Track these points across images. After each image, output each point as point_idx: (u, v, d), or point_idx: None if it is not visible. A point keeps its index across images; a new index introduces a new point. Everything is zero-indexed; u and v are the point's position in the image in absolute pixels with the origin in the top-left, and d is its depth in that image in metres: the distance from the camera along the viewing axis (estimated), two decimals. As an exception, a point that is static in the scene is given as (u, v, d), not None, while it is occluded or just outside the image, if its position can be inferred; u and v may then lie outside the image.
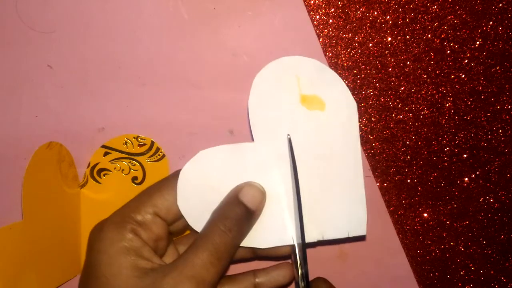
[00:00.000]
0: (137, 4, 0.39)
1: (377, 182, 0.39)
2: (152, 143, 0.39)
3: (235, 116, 0.39)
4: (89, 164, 0.40)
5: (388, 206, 0.40)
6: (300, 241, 0.28)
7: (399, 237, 0.40)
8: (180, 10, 0.39)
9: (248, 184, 0.29)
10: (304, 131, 0.30)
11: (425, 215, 0.40)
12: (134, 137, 0.39)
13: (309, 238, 0.29)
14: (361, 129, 0.39)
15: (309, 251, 0.36)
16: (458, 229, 0.40)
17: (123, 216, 0.28)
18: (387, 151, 0.40)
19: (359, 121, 0.39)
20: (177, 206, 0.28)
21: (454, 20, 0.39)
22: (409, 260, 0.40)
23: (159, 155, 0.40)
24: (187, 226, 0.30)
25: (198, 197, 0.29)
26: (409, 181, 0.40)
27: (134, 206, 0.28)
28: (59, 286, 0.38)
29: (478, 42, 0.39)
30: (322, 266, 0.40)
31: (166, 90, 0.39)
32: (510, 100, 0.39)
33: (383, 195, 0.39)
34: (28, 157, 0.38)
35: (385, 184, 0.40)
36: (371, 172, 0.39)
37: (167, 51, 0.39)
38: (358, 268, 0.40)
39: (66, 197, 0.39)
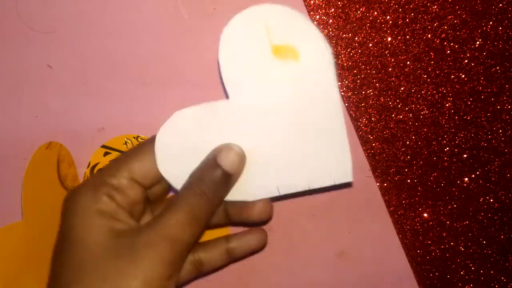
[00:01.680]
0: (137, 4, 0.39)
1: (377, 182, 0.39)
2: None
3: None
4: (89, 164, 0.40)
5: (388, 206, 0.40)
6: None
7: (399, 237, 0.40)
8: (180, 10, 0.39)
9: (227, 147, 0.28)
10: (279, 83, 0.28)
11: (425, 215, 0.40)
12: (134, 137, 0.39)
13: (296, 188, 0.29)
14: (361, 129, 0.39)
15: (308, 251, 0.37)
16: (458, 229, 0.40)
17: (98, 180, 0.27)
18: (387, 151, 0.40)
19: (359, 121, 0.39)
20: (154, 170, 0.28)
21: (454, 20, 0.39)
22: (409, 260, 0.40)
23: None
24: (165, 190, 0.29)
25: (177, 158, 0.28)
26: (409, 181, 0.40)
27: (109, 171, 0.28)
28: (59, 286, 0.38)
29: (478, 42, 0.39)
30: (322, 266, 0.40)
31: (166, 90, 0.39)
32: (510, 100, 0.39)
33: (383, 195, 0.40)
34: (28, 157, 0.38)
35: (385, 184, 0.40)
36: (371, 172, 0.39)
37: (167, 51, 0.39)
38: (358, 268, 0.40)
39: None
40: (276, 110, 0.29)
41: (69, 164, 0.39)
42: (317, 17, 0.39)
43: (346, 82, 0.39)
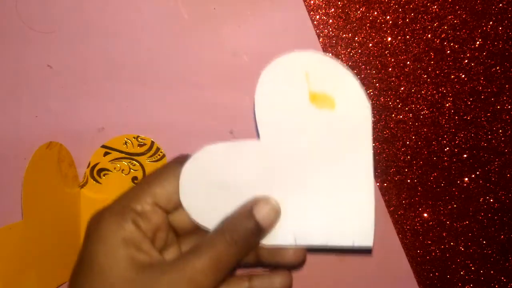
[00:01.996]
0: (137, 4, 0.39)
1: (377, 182, 0.39)
2: (152, 143, 0.39)
3: (235, 116, 0.39)
4: (89, 164, 0.40)
5: (388, 206, 0.40)
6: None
7: (399, 237, 0.40)
8: (180, 10, 0.39)
9: (264, 200, 0.28)
10: (312, 130, 0.28)
11: (425, 215, 0.40)
12: (134, 137, 0.39)
13: (313, 241, 0.28)
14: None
15: (308, 250, 0.36)
16: (458, 229, 0.40)
17: (122, 206, 0.27)
18: (387, 151, 0.40)
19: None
20: (177, 194, 0.28)
21: (454, 20, 0.39)
22: (409, 260, 0.40)
23: (159, 155, 0.40)
24: (187, 218, 0.29)
25: (201, 192, 0.28)
26: (409, 181, 0.40)
27: (133, 196, 0.27)
28: (59, 286, 0.38)
29: (478, 42, 0.39)
30: (322, 267, 0.40)
31: (166, 90, 0.39)
32: (510, 100, 0.39)
33: (383, 195, 0.40)
34: (28, 157, 0.38)
35: (385, 184, 0.40)
36: (371, 172, 0.39)
37: (167, 51, 0.39)
38: (358, 268, 0.40)
39: (66, 197, 0.39)
40: (306, 157, 0.28)
41: (69, 164, 0.39)
42: (317, 17, 0.39)
43: (346, 82, 0.39)
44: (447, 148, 0.40)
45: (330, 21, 0.39)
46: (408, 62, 0.39)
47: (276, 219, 0.28)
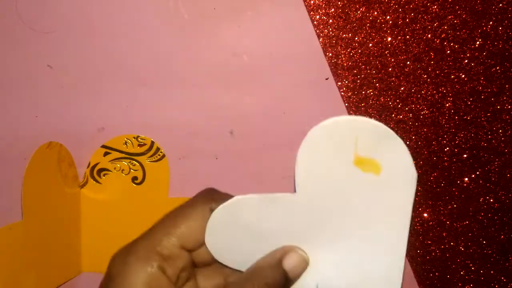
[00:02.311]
0: (137, 4, 0.39)
1: (377, 182, 0.39)
2: (152, 143, 0.39)
3: (235, 116, 0.39)
4: (89, 164, 0.40)
5: (388, 206, 0.40)
6: None
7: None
8: (180, 10, 0.39)
9: (295, 251, 0.27)
10: (353, 192, 0.27)
11: (425, 215, 0.40)
12: (134, 137, 0.39)
13: None
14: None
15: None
16: (458, 229, 0.40)
17: (149, 250, 0.26)
18: (387, 151, 0.40)
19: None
20: (202, 234, 0.27)
21: (454, 20, 0.39)
22: (409, 260, 0.40)
23: (159, 155, 0.40)
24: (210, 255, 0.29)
25: (228, 237, 0.28)
26: (409, 181, 0.40)
27: (159, 238, 0.27)
28: (59, 286, 0.38)
29: (478, 42, 0.39)
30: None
31: (166, 90, 0.39)
32: (510, 100, 0.39)
33: (383, 195, 0.40)
34: (28, 157, 0.38)
35: (385, 184, 0.40)
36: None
37: (167, 51, 0.39)
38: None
39: (66, 197, 0.39)
40: (340, 215, 0.28)
41: (69, 164, 0.39)
42: (317, 17, 0.39)
43: (346, 82, 0.39)
44: (447, 148, 0.40)
45: (330, 21, 0.39)
46: (408, 62, 0.39)
47: (303, 271, 0.28)
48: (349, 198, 0.27)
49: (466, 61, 0.39)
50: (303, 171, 0.27)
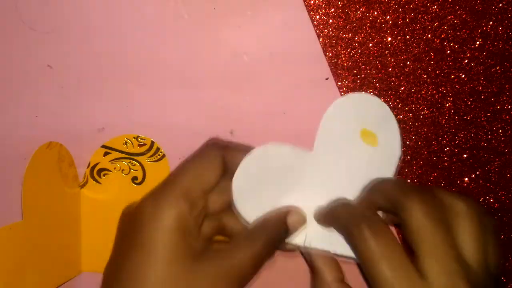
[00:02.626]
0: (137, 4, 0.39)
1: (377, 182, 0.39)
2: (152, 143, 0.39)
3: (235, 116, 0.39)
4: (89, 164, 0.40)
5: (388, 206, 0.40)
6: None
7: (399, 237, 0.40)
8: (180, 10, 0.39)
9: (297, 211, 0.31)
10: (354, 158, 0.33)
11: (425, 215, 0.40)
12: (134, 137, 0.39)
13: (317, 246, 0.32)
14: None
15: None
16: (458, 229, 0.40)
17: (176, 195, 0.28)
18: (387, 151, 0.40)
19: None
20: (217, 177, 0.30)
21: (454, 20, 0.39)
22: (409, 260, 0.40)
23: (159, 155, 0.40)
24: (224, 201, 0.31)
25: (253, 189, 0.31)
26: (409, 181, 0.40)
27: (184, 184, 0.29)
28: (59, 286, 0.38)
29: (478, 42, 0.39)
30: (322, 266, 0.40)
31: (166, 90, 0.39)
32: (510, 100, 0.39)
33: (383, 195, 0.40)
34: (28, 157, 0.38)
35: (385, 184, 0.40)
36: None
37: (167, 51, 0.39)
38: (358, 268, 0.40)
39: (66, 197, 0.39)
40: (342, 175, 0.33)
41: (69, 164, 0.39)
42: (317, 17, 0.39)
43: (346, 82, 0.39)
44: (447, 148, 0.40)
45: (330, 21, 0.39)
46: (408, 62, 0.39)
47: (301, 227, 0.32)
48: (351, 162, 0.33)
49: (466, 61, 0.39)
50: (323, 133, 0.34)
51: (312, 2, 0.39)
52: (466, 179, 0.40)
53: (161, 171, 0.40)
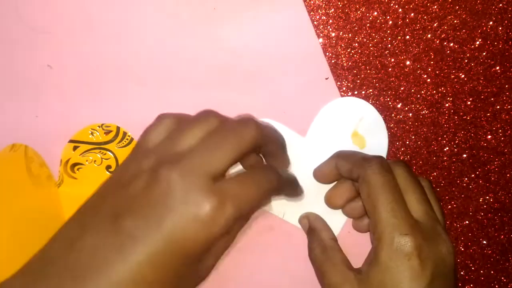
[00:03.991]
0: (137, 4, 0.39)
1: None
2: (118, 128, 0.39)
3: (235, 116, 0.39)
4: (60, 161, 0.39)
5: (388, 206, 0.40)
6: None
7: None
8: (180, 10, 0.39)
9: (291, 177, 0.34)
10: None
11: (425, 215, 0.40)
12: (99, 126, 0.39)
13: (292, 222, 0.38)
14: (361, 129, 0.39)
15: (308, 251, 0.37)
16: (458, 229, 0.40)
17: (203, 172, 0.26)
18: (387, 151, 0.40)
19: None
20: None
21: (454, 20, 0.39)
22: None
23: (127, 139, 0.39)
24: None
25: None
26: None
27: (206, 159, 0.27)
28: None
29: (478, 42, 0.39)
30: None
31: (166, 90, 0.39)
32: (510, 100, 0.40)
33: (383, 195, 0.40)
34: (28, 157, 0.38)
35: (385, 184, 0.40)
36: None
37: (167, 51, 0.39)
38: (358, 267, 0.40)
39: (43, 198, 0.38)
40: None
41: (39, 165, 0.38)
42: (317, 17, 0.39)
43: (346, 82, 0.39)
44: (447, 148, 0.40)
45: (330, 21, 0.39)
46: (408, 62, 0.39)
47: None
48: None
49: (466, 61, 0.39)
50: (318, 124, 0.38)
51: (312, 2, 0.39)
52: (466, 179, 0.40)
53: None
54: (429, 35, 0.39)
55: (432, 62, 0.39)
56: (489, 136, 0.40)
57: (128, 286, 0.24)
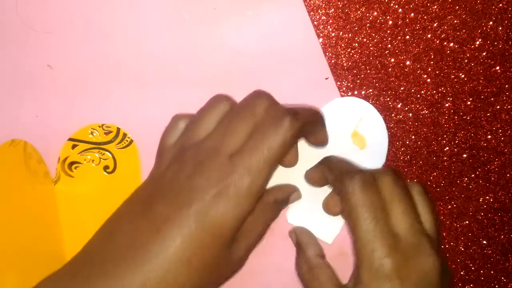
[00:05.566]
0: (137, 4, 0.39)
1: (377, 182, 0.39)
2: (118, 129, 0.39)
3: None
4: (58, 159, 0.39)
5: (388, 206, 0.40)
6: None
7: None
8: (180, 10, 0.39)
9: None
10: (340, 153, 0.37)
11: (425, 215, 0.40)
12: (99, 126, 0.39)
13: (293, 223, 0.38)
14: (361, 129, 0.39)
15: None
16: (458, 229, 0.40)
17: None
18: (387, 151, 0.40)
19: (359, 121, 0.39)
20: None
21: (454, 20, 0.39)
22: (409, 260, 0.40)
23: (126, 141, 0.39)
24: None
25: None
26: (409, 181, 0.40)
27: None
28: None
29: (478, 42, 0.39)
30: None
31: (166, 90, 0.39)
32: (510, 100, 0.40)
33: (383, 195, 0.40)
34: (28, 157, 0.38)
35: (385, 184, 0.40)
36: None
37: (167, 51, 0.39)
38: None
39: (39, 195, 0.38)
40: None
41: (37, 161, 0.38)
42: (317, 17, 0.39)
43: (346, 82, 0.39)
44: (447, 148, 0.40)
45: (330, 21, 0.39)
46: (408, 62, 0.39)
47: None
48: (338, 154, 0.37)
49: (466, 61, 0.39)
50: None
51: (312, 2, 0.39)
52: (466, 179, 0.40)
53: (130, 157, 0.39)
54: (429, 35, 0.39)
55: (432, 62, 0.39)
56: (489, 136, 0.40)
57: (170, 265, 0.26)
